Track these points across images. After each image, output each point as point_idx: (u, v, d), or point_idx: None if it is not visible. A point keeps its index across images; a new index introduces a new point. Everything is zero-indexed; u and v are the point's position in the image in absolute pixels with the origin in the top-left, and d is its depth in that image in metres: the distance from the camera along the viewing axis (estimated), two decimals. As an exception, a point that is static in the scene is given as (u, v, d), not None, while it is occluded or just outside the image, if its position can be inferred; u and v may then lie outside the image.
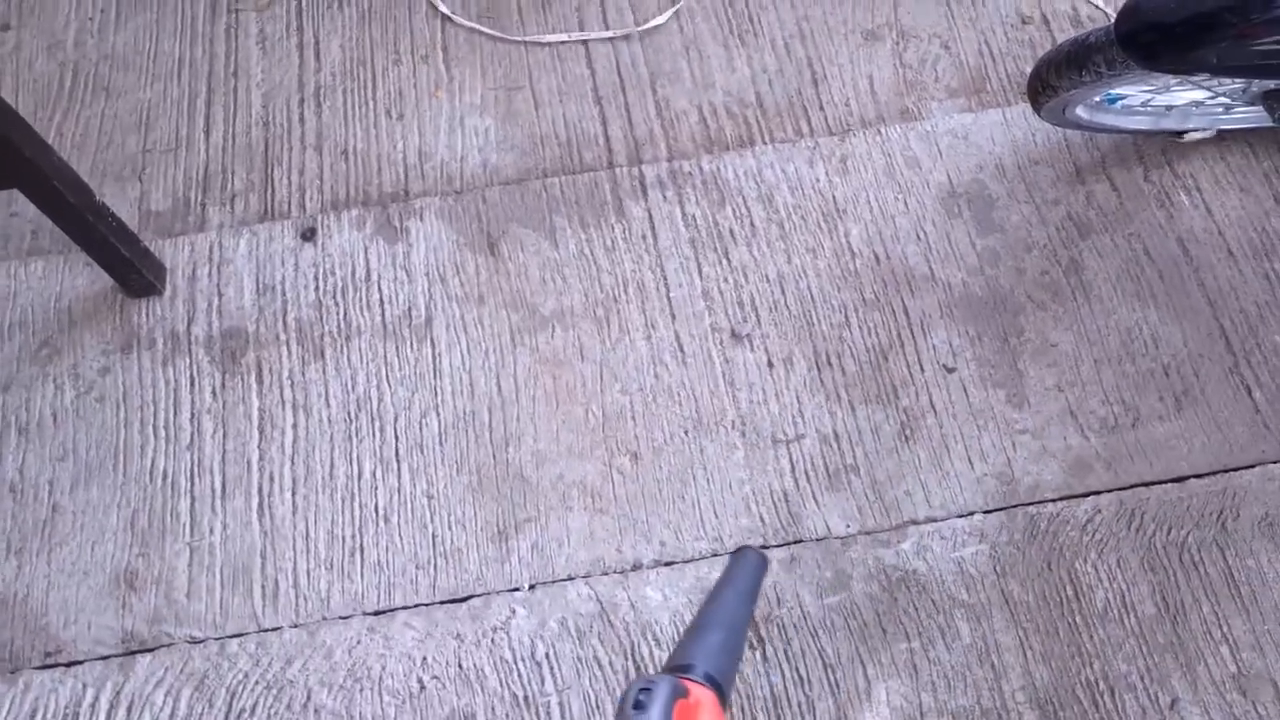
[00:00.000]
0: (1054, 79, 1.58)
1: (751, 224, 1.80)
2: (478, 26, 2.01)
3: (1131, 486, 1.59)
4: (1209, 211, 1.81)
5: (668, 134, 1.91)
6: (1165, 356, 1.69)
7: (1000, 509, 1.57)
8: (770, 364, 1.68)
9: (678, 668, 0.72)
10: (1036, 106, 1.69)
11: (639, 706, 0.65)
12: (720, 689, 0.71)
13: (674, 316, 1.71)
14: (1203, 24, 1.32)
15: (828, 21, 2.04)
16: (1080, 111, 1.72)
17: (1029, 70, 1.96)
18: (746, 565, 0.80)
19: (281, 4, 2.05)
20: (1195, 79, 1.60)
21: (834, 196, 1.83)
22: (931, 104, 1.95)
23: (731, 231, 1.79)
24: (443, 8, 2.03)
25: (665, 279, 1.74)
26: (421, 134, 1.90)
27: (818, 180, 1.85)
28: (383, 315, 1.72)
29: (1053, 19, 2.03)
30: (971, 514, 1.57)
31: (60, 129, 1.90)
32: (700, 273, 1.75)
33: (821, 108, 1.95)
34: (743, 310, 1.72)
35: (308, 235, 1.76)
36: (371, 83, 1.96)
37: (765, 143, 1.90)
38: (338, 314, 1.72)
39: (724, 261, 1.76)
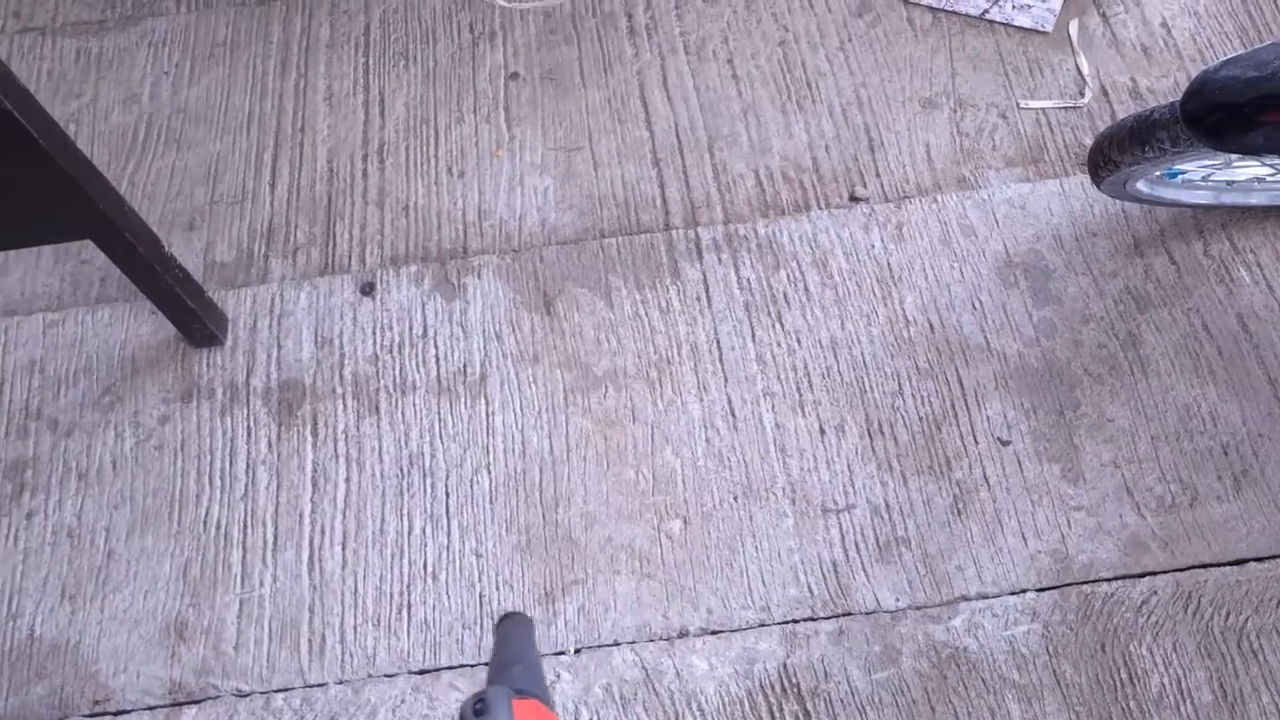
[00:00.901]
0: (1116, 154, 1.55)
1: (806, 289, 1.78)
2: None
3: (1189, 568, 1.54)
4: (1270, 288, 1.76)
5: (724, 197, 1.90)
6: (1224, 435, 1.64)
7: (1054, 587, 1.53)
8: (822, 431, 1.65)
9: (512, 692, 0.76)
10: (1096, 180, 1.66)
11: (479, 713, 0.68)
12: (544, 698, 0.76)
13: (726, 379, 1.69)
14: (1272, 105, 1.28)
15: (885, 89, 2.02)
16: (1141, 186, 1.68)
17: (1086, 141, 1.93)
18: (515, 627, 0.88)
19: (350, 61, 2.07)
20: (1263, 159, 1.56)
21: (889, 263, 1.81)
22: (989, 173, 1.92)
23: (785, 296, 1.77)
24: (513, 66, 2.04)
25: (718, 342, 1.72)
26: (481, 192, 1.90)
27: (873, 247, 1.83)
28: (438, 371, 1.71)
29: (1111, 91, 1.99)
30: (1024, 591, 1.53)
31: (132, 179, 1.92)
32: (754, 336, 1.73)
33: (878, 174, 1.93)
34: (795, 375, 1.69)
35: (367, 290, 1.76)
36: (434, 140, 1.96)
37: (821, 208, 1.88)
38: (394, 369, 1.71)
39: (777, 326, 1.74)
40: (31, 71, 2.05)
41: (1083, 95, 2.01)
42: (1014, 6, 2.09)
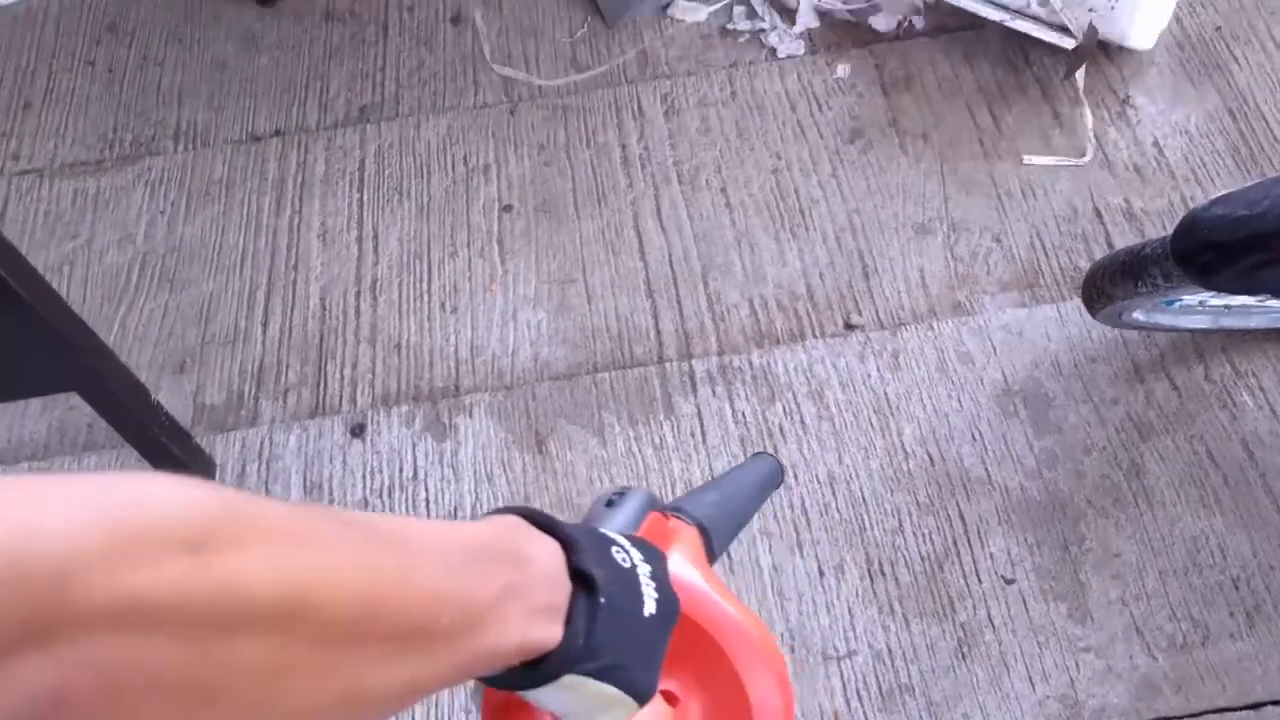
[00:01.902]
0: (1109, 288, 1.53)
1: (802, 421, 1.75)
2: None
3: (1203, 713, 1.48)
4: (1274, 412, 1.73)
5: (718, 327, 1.88)
6: (1234, 568, 1.59)
7: (1065, 736, 1.47)
8: (821, 572, 1.60)
9: (668, 506, 0.63)
10: (1091, 311, 1.64)
11: (610, 504, 0.58)
12: (707, 535, 0.62)
13: (722, 520, 1.65)
14: (1263, 244, 1.26)
15: (879, 215, 2.01)
16: (1137, 315, 1.66)
17: (1082, 264, 1.92)
18: (764, 463, 0.73)
19: (344, 196, 2.08)
20: (1258, 299, 1.54)
21: (886, 393, 1.78)
22: (984, 298, 1.90)
23: (781, 429, 1.74)
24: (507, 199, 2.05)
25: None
26: (474, 327, 1.89)
27: (869, 376, 1.80)
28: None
29: (1105, 212, 1.98)
30: (1034, 741, 1.46)
31: (124, 321, 1.92)
32: (749, 474, 1.69)
33: (873, 301, 1.91)
34: (793, 513, 1.65)
35: (357, 431, 1.74)
36: (427, 276, 1.96)
37: (816, 336, 1.86)
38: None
39: (774, 462, 1.70)
40: (28, 213, 2.06)
41: (1083, 155, 2.01)
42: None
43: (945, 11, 2.24)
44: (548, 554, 0.47)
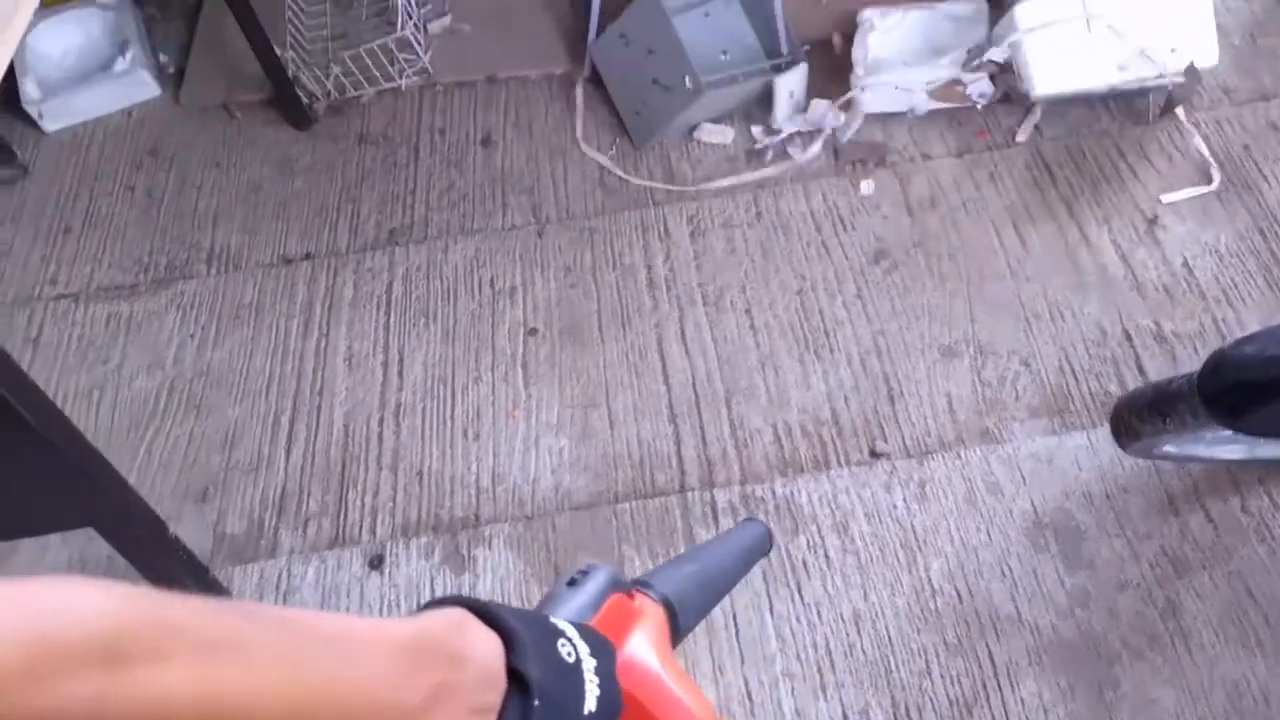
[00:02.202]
0: (1137, 424, 1.50)
1: (826, 555, 1.71)
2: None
3: None
4: (1316, 547, 1.66)
5: (741, 454, 1.86)
6: (1277, 714, 1.52)
7: None
8: (845, 716, 1.55)
9: (636, 581, 0.61)
10: (1122, 446, 1.60)
11: (572, 583, 0.57)
12: (674, 612, 0.59)
13: (743, 659, 1.61)
14: None
15: (904, 336, 1.99)
16: (1169, 448, 1.62)
17: (1112, 389, 1.88)
18: (750, 532, 0.70)
19: (371, 320, 2.09)
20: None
21: (913, 526, 1.74)
22: (1013, 425, 1.86)
23: (805, 564, 1.70)
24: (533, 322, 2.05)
25: (735, 616, 1.65)
26: (496, 455, 1.87)
27: (895, 507, 1.76)
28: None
29: (1135, 335, 1.95)
30: None
31: (150, 447, 1.92)
32: (771, 610, 1.65)
33: (899, 426, 1.88)
34: (816, 653, 1.61)
35: (375, 564, 1.72)
36: (451, 401, 1.95)
37: (841, 465, 1.83)
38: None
39: (796, 598, 1.66)
40: (62, 338, 2.09)
41: (1211, 181, 2.02)
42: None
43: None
44: (486, 650, 0.46)
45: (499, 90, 2.53)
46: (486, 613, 0.48)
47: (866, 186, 2.22)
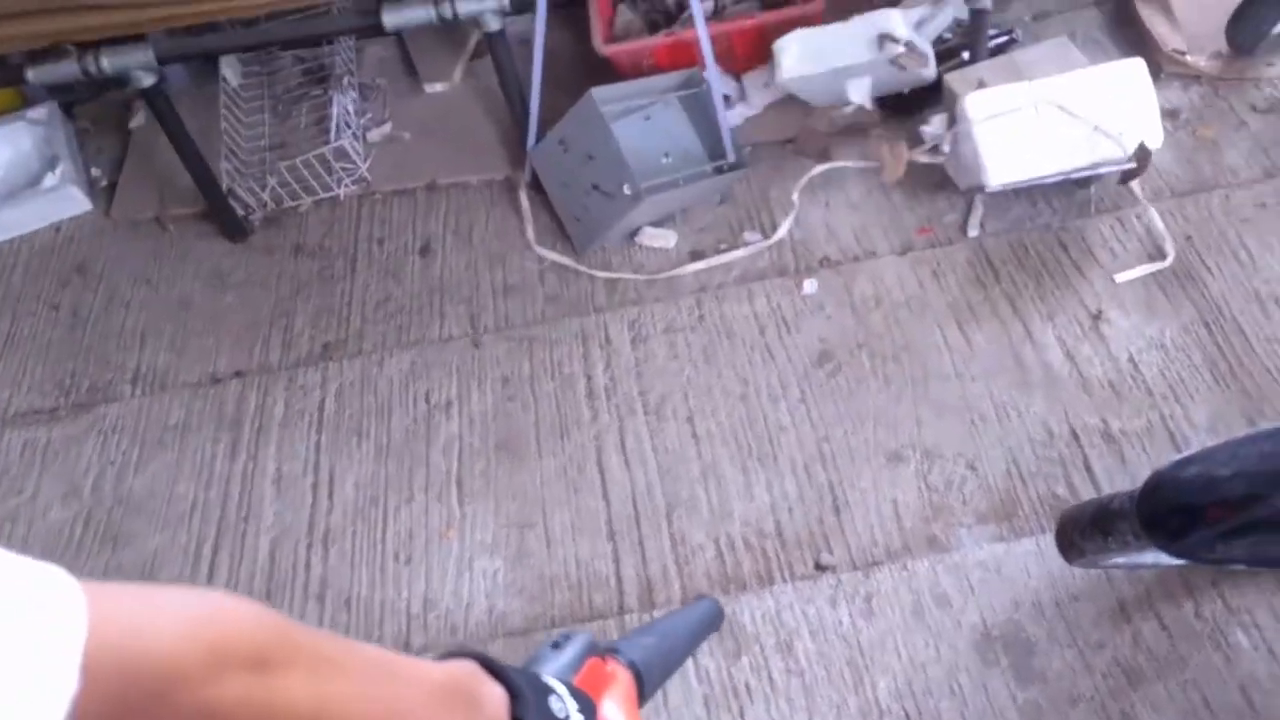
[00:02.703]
0: (1081, 542, 1.50)
1: (770, 678, 1.69)
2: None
3: None
4: (1271, 652, 1.66)
5: (682, 571, 1.85)
6: (1241, 834, 1.50)
7: None
8: None
9: (608, 647, 0.71)
10: (1068, 560, 1.60)
11: (556, 646, 0.66)
12: (640, 678, 0.69)
13: (684, 792, 1.58)
14: (1235, 509, 1.22)
15: (849, 442, 2.00)
16: (1118, 560, 1.62)
17: (1059, 491, 1.89)
18: (703, 608, 0.80)
19: (302, 439, 2.08)
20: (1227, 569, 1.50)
21: (859, 642, 1.73)
22: (960, 531, 1.86)
23: (748, 687, 1.68)
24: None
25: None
26: (428, 579, 1.86)
27: (841, 624, 1.75)
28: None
29: (1082, 434, 1.96)
30: None
31: (67, 581, 1.89)
32: (713, 737, 1.63)
33: (844, 536, 1.88)
34: (760, 782, 1.58)
35: (299, 701, 1.69)
36: (382, 523, 1.94)
37: (785, 580, 1.82)
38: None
39: (739, 724, 1.64)
40: (-24, 469, 2.08)
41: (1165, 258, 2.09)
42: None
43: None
44: (495, 701, 0.55)
45: (439, 198, 2.56)
46: (493, 667, 0.57)
47: (810, 286, 2.25)
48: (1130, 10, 2.57)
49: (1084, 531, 1.48)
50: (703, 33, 2.19)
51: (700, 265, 2.31)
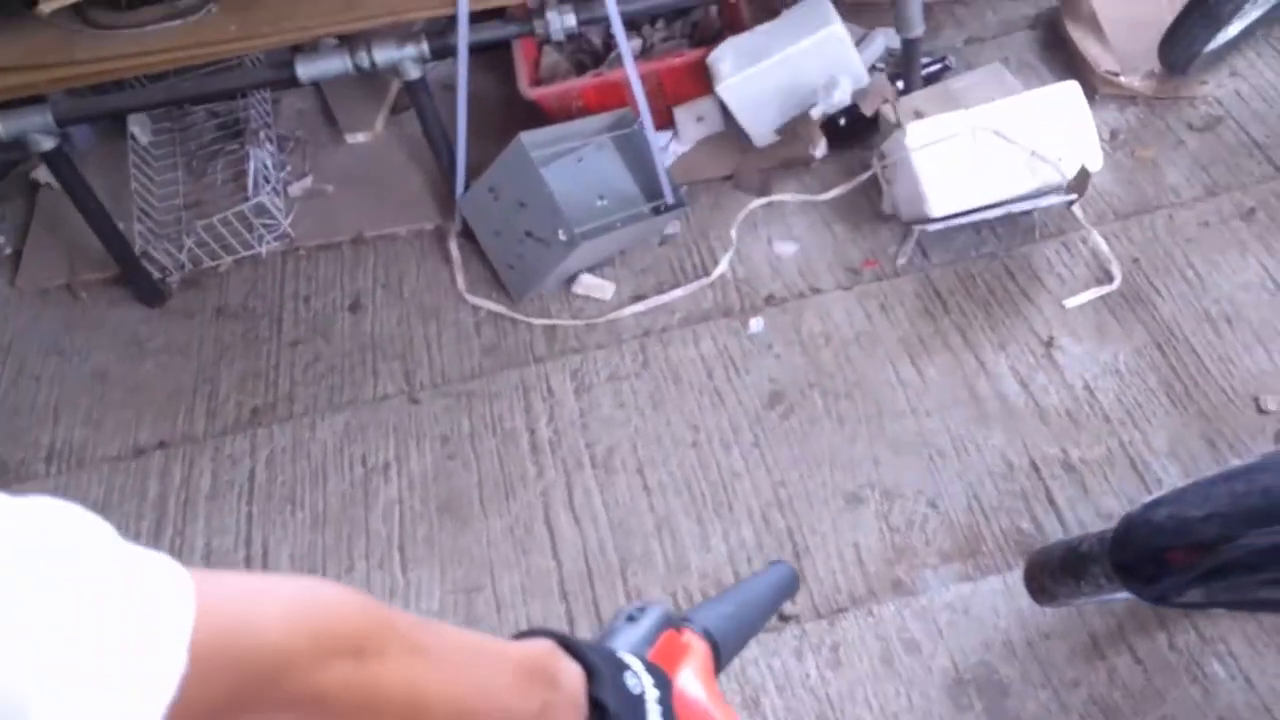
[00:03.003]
0: (1051, 585, 1.48)
1: (737, 738, 1.64)
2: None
3: None
4: (1249, 682, 1.65)
5: (641, 630, 1.79)
6: None
7: None
8: None
9: (682, 618, 0.72)
10: (1038, 603, 1.57)
11: (631, 619, 0.68)
12: (716, 647, 0.70)
13: None
14: (1210, 552, 1.20)
15: (806, 485, 1.97)
16: (1089, 600, 1.60)
17: (1023, 525, 1.88)
18: (780, 573, 0.80)
19: (232, 511, 2.01)
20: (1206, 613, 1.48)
21: (827, 695, 1.69)
22: (925, 572, 1.84)
23: (715, 750, 1.63)
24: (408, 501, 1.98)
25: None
26: (371, 654, 1.78)
27: (807, 676, 1.71)
28: None
29: (1042, 465, 1.95)
30: None
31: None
32: (682, 807, 1.57)
33: (806, 585, 1.84)
34: None
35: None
36: (320, 597, 1.87)
37: (747, 633, 1.77)
38: None
39: (708, 791, 1.59)
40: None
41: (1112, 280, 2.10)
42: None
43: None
44: (573, 679, 0.57)
45: (367, 251, 2.51)
46: (569, 645, 0.59)
47: (756, 324, 2.23)
48: (1062, 33, 2.61)
49: (1054, 575, 1.46)
50: (632, 73, 2.17)
51: (641, 308, 2.28)
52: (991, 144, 2.15)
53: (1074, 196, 2.16)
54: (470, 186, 2.34)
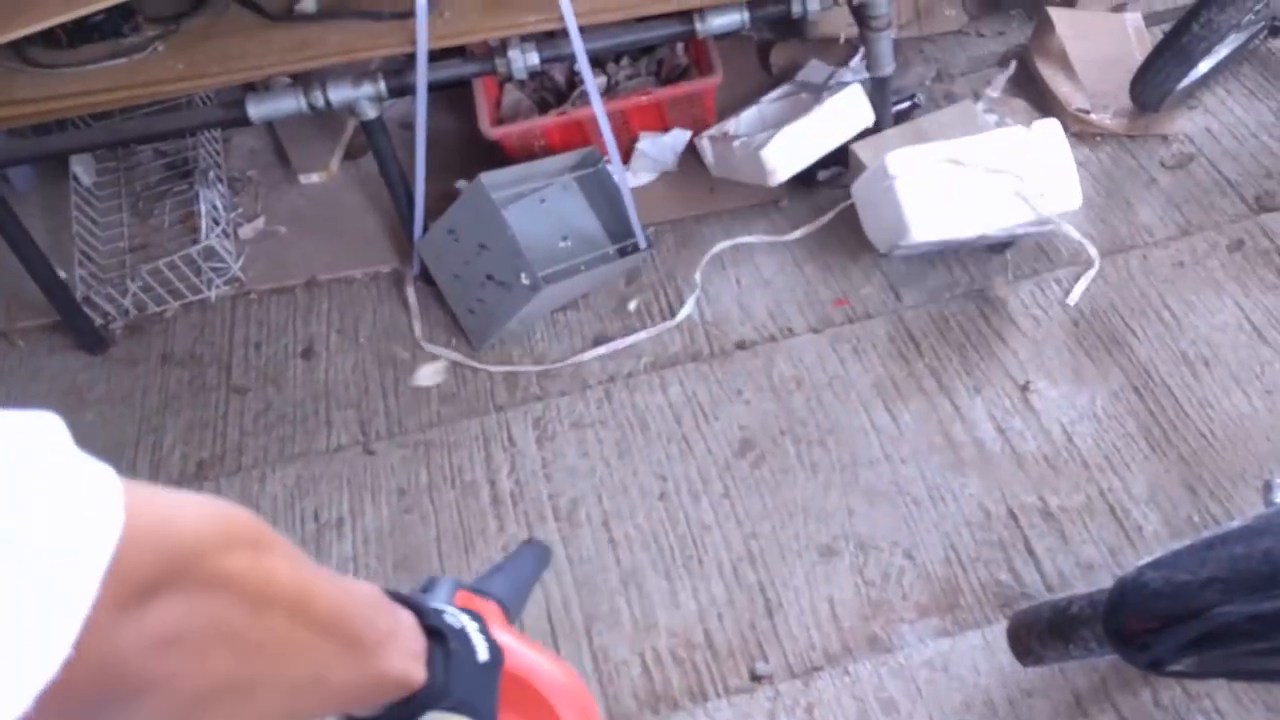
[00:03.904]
0: (1038, 648, 1.46)
1: (709, 808, 1.61)
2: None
3: None
4: (1238, 739, 1.63)
5: (606, 692, 1.77)
6: None
7: None
8: None
9: (468, 586, 0.76)
10: (1023, 664, 1.55)
11: (425, 589, 0.73)
12: (505, 606, 0.75)
13: None
14: (1209, 619, 1.17)
15: (778, 537, 1.95)
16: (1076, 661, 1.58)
17: (1002, 577, 1.86)
18: (536, 548, 0.86)
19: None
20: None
21: (803, 759, 1.65)
22: (902, 627, 1.81)
23: (687, 820, 1.59)
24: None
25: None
26: None
27: (782, 740, 1.68)
28: None
29: (1020, 514, 1.94)
30: None
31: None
32: None
33: (779, 642, 1.82)
34: None
35: None
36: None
37: (719, 694, 1.75)
38: None
39: None
40: None
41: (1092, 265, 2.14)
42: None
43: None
44: (407, 615, 0.64)
45: (321, 294, 2.47)
46: (391, 593, 0.65)
47: (725, 369, 2.21)
48: (1032, 71, 2.62)
49: (1041, 638, 1.44)
50: (600, 112, 2.16)
51: (605, 352, 2.26)
52: (974, 177, 2.15)
53: (1052, 227, 2.16)
54: (429, 228, 2.32)
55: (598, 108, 2.16)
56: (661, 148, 2.49)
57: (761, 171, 2.28)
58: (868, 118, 2.32)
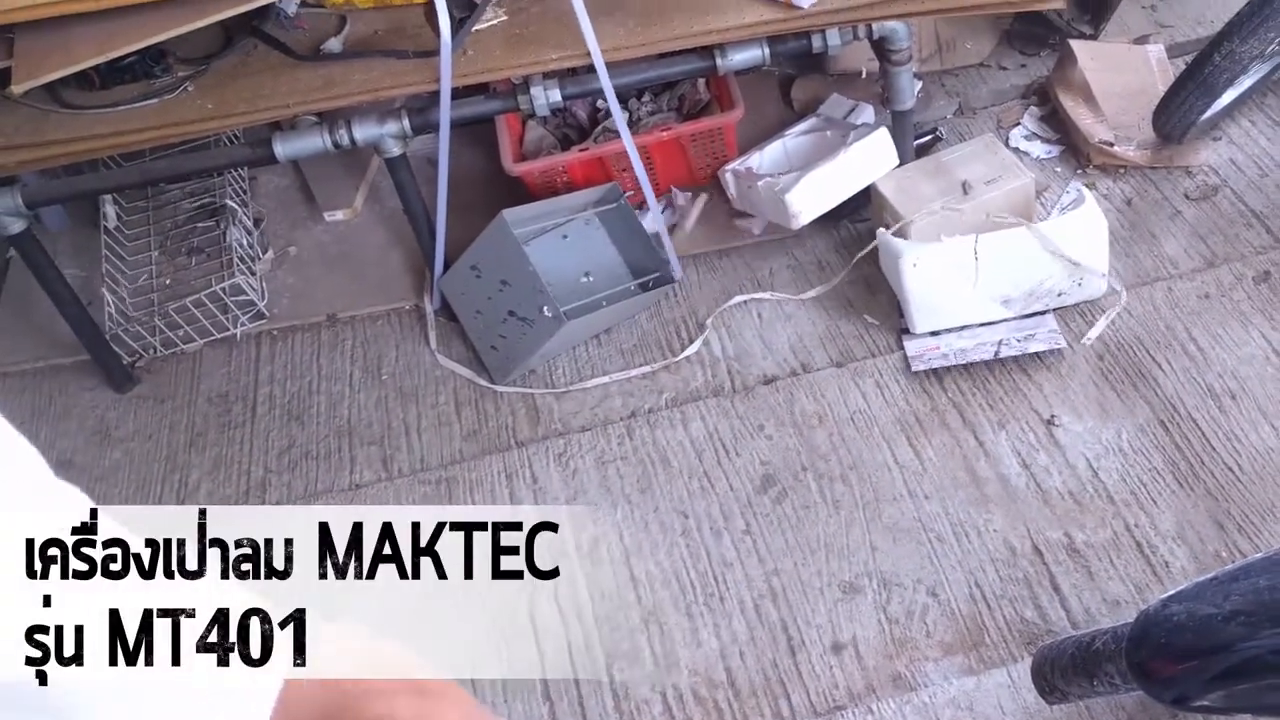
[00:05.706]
0: (1062, 684, 1.44)
1: None
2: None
3: None
4: (1270, 780, 1.60)
5: (628, 731, 1.75)
6: None
7: None
8: None
9: None
10: (1048, 702, 1.54)
11: None
12: None
13: None
14: (1233, 655, 1.16)
15: (800, 575, 1.94)
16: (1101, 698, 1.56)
17: (1027, 615, 1.84)
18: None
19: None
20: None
21: (826, 801, 1.64)
22: (926, 665, 1.80)
23: None
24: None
25: None
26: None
27: (805, 781, 1.66)
28: None
29: (1046, 550, 1.92)
30: None
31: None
32: None
33: (802, 680, 1.81)
34: None
35: None
36: None
37: (741, 733, 1.74)
38: None
39: None
40: None
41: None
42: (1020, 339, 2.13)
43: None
44: None
45: (344, 331, 2.49)
46: None
47: (747, 404, 2.21)
48: (1054, 104, 2.62)
49: (1065, 675, 1.42)
50: (630, 145, 2.17)
51: (627, 388, 2.26)
52: (993, 275, 2.16)
53: (1060, 345, 2.16)
54: (451, 265, 2.33)
55: (627, 142, 2.18)
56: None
57: (785, 214, 2.29)
58: (893, 160, 2.32)
